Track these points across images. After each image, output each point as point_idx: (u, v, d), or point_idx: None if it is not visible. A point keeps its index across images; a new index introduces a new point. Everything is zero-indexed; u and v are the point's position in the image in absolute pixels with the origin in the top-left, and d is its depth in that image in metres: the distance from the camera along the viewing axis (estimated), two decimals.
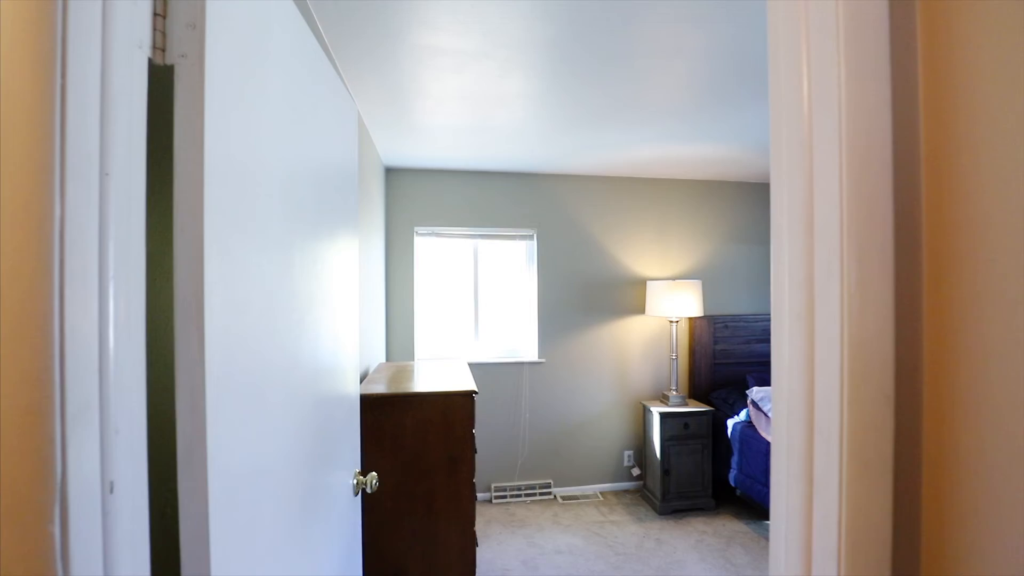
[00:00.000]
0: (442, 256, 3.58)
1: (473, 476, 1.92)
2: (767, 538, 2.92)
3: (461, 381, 2.09)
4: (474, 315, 3.60)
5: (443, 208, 3.48)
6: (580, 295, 3.62)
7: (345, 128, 1.23)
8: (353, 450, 1.30)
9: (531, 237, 3.61)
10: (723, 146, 2.90)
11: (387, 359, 3.38)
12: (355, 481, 1.25)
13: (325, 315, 1.05)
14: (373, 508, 1.81)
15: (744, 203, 3.85)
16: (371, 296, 2.75)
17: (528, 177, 3.56)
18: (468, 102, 2.24)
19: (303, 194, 0.92)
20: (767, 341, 3.74)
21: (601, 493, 3.60)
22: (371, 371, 2.49)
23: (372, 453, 1.81)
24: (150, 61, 0.53)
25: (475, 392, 1.94)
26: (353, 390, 1.31)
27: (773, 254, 0.62)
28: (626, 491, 3.63)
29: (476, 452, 1.99)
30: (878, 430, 0.52)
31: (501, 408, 3.52)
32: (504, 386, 3.53)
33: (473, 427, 1.93)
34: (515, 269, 3.66)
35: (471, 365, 3.42)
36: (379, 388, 1.98)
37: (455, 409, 1.91)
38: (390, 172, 3.43)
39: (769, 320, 3.73)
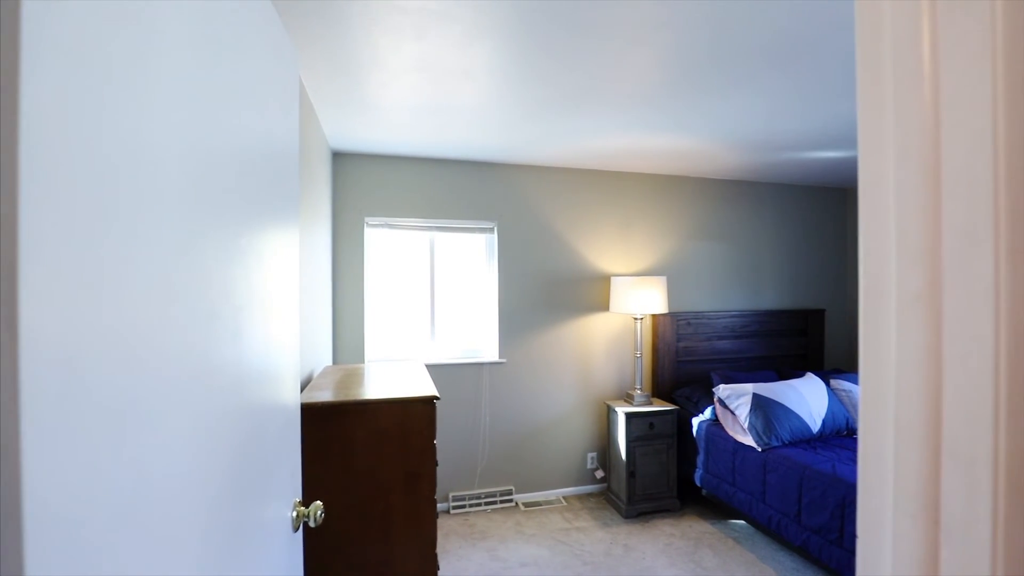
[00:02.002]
0: (395, 249, 3.32)
1: (434, 492, 1.71)
2: (734, 538, 2.87)
3: (419, 385, 1.87)
4: (430, 313, 3.37)
5: (397, 198, 3.22)
6: (542, 291, 3.47)
7: (283, 81, 1.00)
8: (292, 474, 1.06)
9: (491, 230, 3.42)
10: (693, 137, 2.82)
11: (334, 362, 3.08)
12: (294, 513, 1.02)
13: (254, 310, 0.82)
14: (319, 534, 1.57)
15: (707, 199, 3.82)
16: (316, 292, 2.47)
17: (489, 167, 3.37)
18: (427, 75, 2.02)
19: (220, 155, 0.69)
20: (728, 338, 3.73)
21: (564, 498, 3.46)
22: (315, 376, 2.22)
23: (317, 472, 1.56)
24: None
25: (436, 398, 1.73)
26: (292, 399, 1.08)
27: (864, 220, 0.46)
28: (590, 495, 3.51)
29: (437, 465, 1.78)
30: None
31: (459, 412, 3.30)
32: (463, 389, 3.32)
33: (435, 437, 1.71)
34: (474, 264, 3.46)
35: (427, 367, 3.19)
36: (325, 396, 1.73)
37: (414, 418, 1.69)
38: (338, 157, 3.14)
39: (730, 317, 3.73)
